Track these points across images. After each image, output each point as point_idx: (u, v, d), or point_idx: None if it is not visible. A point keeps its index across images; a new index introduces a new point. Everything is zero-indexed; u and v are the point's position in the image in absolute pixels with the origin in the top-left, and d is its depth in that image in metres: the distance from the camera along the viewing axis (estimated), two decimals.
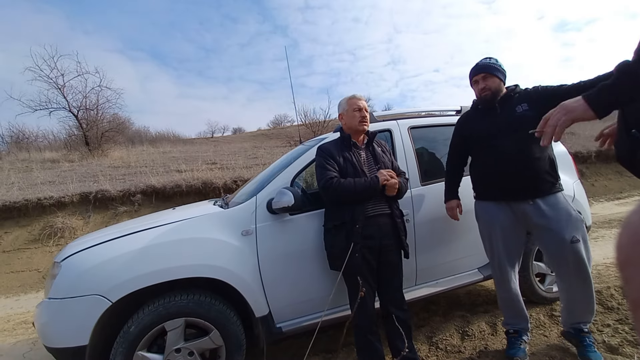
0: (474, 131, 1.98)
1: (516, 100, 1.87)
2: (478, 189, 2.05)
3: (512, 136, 1.80)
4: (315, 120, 17.05)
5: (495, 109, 1.90)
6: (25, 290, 4.27)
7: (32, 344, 2.65)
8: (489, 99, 1.89)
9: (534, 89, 1.88)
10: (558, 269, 1.84)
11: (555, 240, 1.77)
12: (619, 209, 5.71)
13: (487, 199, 1.97)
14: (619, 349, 1.84)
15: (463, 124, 2.10)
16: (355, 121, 1.90)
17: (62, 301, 1.58)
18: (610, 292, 2.46)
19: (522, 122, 1.78)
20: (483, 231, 2.03)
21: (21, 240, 5.07)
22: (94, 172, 7.65)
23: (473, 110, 2.07)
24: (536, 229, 1.84)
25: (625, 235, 0.36)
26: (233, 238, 1.84)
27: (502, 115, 1.87)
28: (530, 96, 1.85)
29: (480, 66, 1.93)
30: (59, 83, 10.99)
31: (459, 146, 2.11)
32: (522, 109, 1.83)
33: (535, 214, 1.80)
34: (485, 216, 1.98)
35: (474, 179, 2.06)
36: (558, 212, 1.78)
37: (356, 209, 1.75)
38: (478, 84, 1.92)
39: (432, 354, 2.04)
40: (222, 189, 6.08)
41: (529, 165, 1.78)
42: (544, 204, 1.79)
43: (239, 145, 15.59)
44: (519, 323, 1.97)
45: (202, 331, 1.71)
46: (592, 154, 7.63)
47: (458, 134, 2.12)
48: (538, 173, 1.79)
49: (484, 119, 1.94)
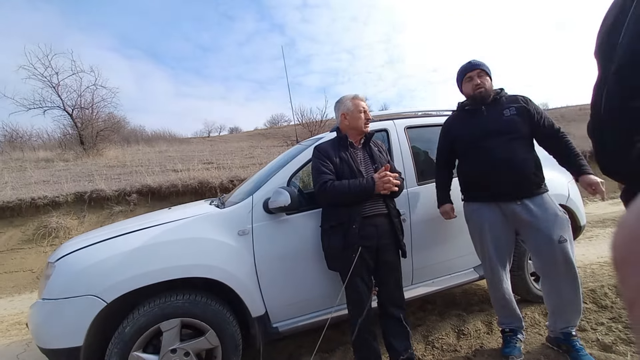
0: (461, 133, 1.98)
1: (503, 104, 1.90)
2: (466, 191, 2.05)
3: (500, 138, 1.82)
4: (312, 119, 17.05)
5: (481, 111, 1.91)
6: (19, 290, 4.23)
7: (26, 345, 2.62)
8: (483, 96, 1.90)
9: (523, 100, 1.91)
10: (546, 269, 1.84)
11: (543, 240, 1.79)
12: (613, 208, 5.77)
13: (476, 201, 1.98)
14: (612, 347, 1.86)
15: (450, 127, 2.10)
16: (361, 123, 1.90)
17: (56, 302, 1.56)
18: (604, 291, 2.49)
19: (510, 125, 1.83)
20: (473, 232, 2.04)
21: (15, 240, 5.02)
22: (89, 171, 7.60)
23: (458, 112, 2.08)
24: (525, 228, 1.85)
25: (621, 234, 0.36)
26: (229, 238, 1.83)
27: (490, 117, 1.88)
28: (519, 103, 1.88)
29: (474, 63, 1.94)
30: (53, 82, 10.95)
31: (446, 149, 2.12)
32: (509, 112, 1.86)
33: (524, 213, 1.81)
34: (475, 217, 1.98)
35: (462, 181, 2.07)
36: (546, 212, 1.80)
37: (353, 210, 1.75)
38: (472, 80, 1.92)
39: (429, 352, 2.04)
40: (219, 188, 6.06)
41: (516, 166, 1.80)
42: (532, 204, 1.81)
43: (236, 145, 15.55)
44: (513, 322, 1.98)
45: (198, 331, 1.70)
46: (586, 154, 7.69)
47: (445, 138, 2.12)
48: (525, 174, 1.81)
49: (470, 121, 1.95)
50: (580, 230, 2.61)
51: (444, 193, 2.15)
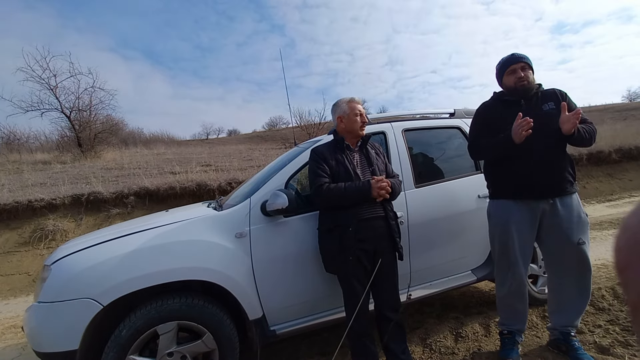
0: (498, 123, 1.86)
1: (541, 98, 1.86)
2: (498, 186, 1.97)
3: (541, 132, 1.76)
4: (310, 122, 17.08)
5: (519, 104, 1.85)
6: (14, 294, 4.19)
7: (22, 349, 2.60)
8: (526, 89, 1.84)
9: (560, 93, 1.86)
10: (560, 269, 1.83)
11: (563, 240, 1.78)
12: (610, 210, 5.79)
13: (506, 197, 1.90)
14: (610, 349, 1.86)
15: (487, 111, 1.98)
16: (357, 126, 1.89)
17: (52, 305, 1.55)
18: (601, 293, 2.49)
19: (550, 119, 1.77)
20: (494, 231, 1.97)
21: (11, 243, 4.99)
22: (87, 173, 7.57)
23: (494, 102, 1.99)
24: (547, 229, 1.83)
25: (624, 237, 0.36)
26: (227, 240, 1.83)
27: (529, 110, 1.80)
28: (557, 98, 1.84)
29: (519, 56, 1.88)
30: (51, 84, 10.90)
31: (483, 132, 1.95)
32: (549, 107, 1.82)
33: (551, 213, 1.80)
34: (501, 216, 1.91)
35: (492, 176, 2.00)
36: (570, 213, 1.79)
37: (350, 212, 1.75)
38: (515, 72, 1.86)
39: (426, 355, 2.04)
40: (217, 190, 6.04)
41: (555, 163, 1.78)
42: (560, 204, 1.79)
43: (234, 147, 15.55)
44: (516, 324, 1.96)
45: (195, 334, 1.70)
46: (583, 156, 7.73)
47: (481, 121, 1.99)
48: (562, 172, 1.79)
49: (508, 112, 1.84)
50: None
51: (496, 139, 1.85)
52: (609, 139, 8.46)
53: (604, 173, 7.83)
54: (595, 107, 23.02)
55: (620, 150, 8.04)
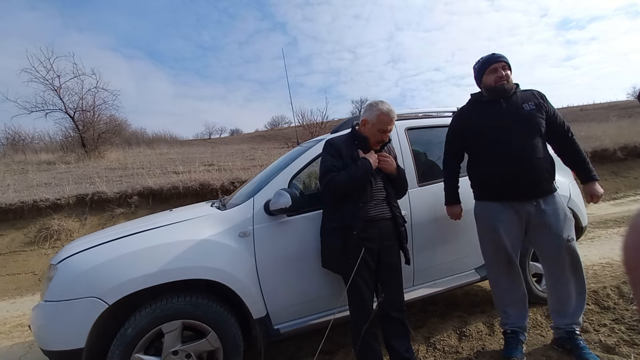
0: (479, 124, 1.88)
1: (521, 98, 1.86)
2: (481, 188, 1.98)
3: (524, 132, 1.77)
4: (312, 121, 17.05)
5: (499, 103, 1.85)
6: (21, 293, 4.23)
7: (29, 347, 2.63)
8: (505, 89, 1.84)
9: (539, 95, 1.88)
10: (554, 267, 1.85)
11: (553, 239, 1.79)
12: (615, 209, 5.74)
13: (491, 199, 1.92)
14: (615, 348, 1.85)
15: (463, 118, 2.00)
16: (374, 140, 1.83)
17: (58, 304, 1.57)
18: (606, 292, 2.48)
19: (530, 119, 1.78)
20: (483, 232, 1.99)
21: (17, 243, 5.03)
22: (90, 174, 7.61)
23: (474, 103, 1.99)
24: (535, 228, 1.84)
25: (632, 237, 0.36)
26: (230, 240, 1.83)
27: (510, 110, 1.81)
28: (536, 99, 1.86)
29: (498, 55, 1.88)
30: (55, 84, 10.95)
31: (457, 143, 2.03)
32: (529, 107, 1.82)
33: (537, 214, 1.81)
34: (488, 217, 1.92)
35: (476, 178, 2.00)
36: (556, 212, 1.80)
37: (357, 212, 1.73)
38: (495, 72, 1.85)
39: (430, 354, 2.04)
40: (220, 190, 6.06)
41: (536, 163, 1.78)
42: (544, 204, 1.80)
43: (237, 147, 15.57)
44: (518, 322, 1.96)
45: (199, 333, 1.71)
46: (587, 154, 7.69)
47: (457, 130, 2.02)
48: (542, 172, 1.80)
49: (490, 113, 1.86)
50: (582, 231, 2.60)
51: (454, 190, 2.07)
52: (613, 137, 8.40)
53: (609, 171, 7.76)
54: (600, 105, 22.84)
55: (625, 148, 7.97)
